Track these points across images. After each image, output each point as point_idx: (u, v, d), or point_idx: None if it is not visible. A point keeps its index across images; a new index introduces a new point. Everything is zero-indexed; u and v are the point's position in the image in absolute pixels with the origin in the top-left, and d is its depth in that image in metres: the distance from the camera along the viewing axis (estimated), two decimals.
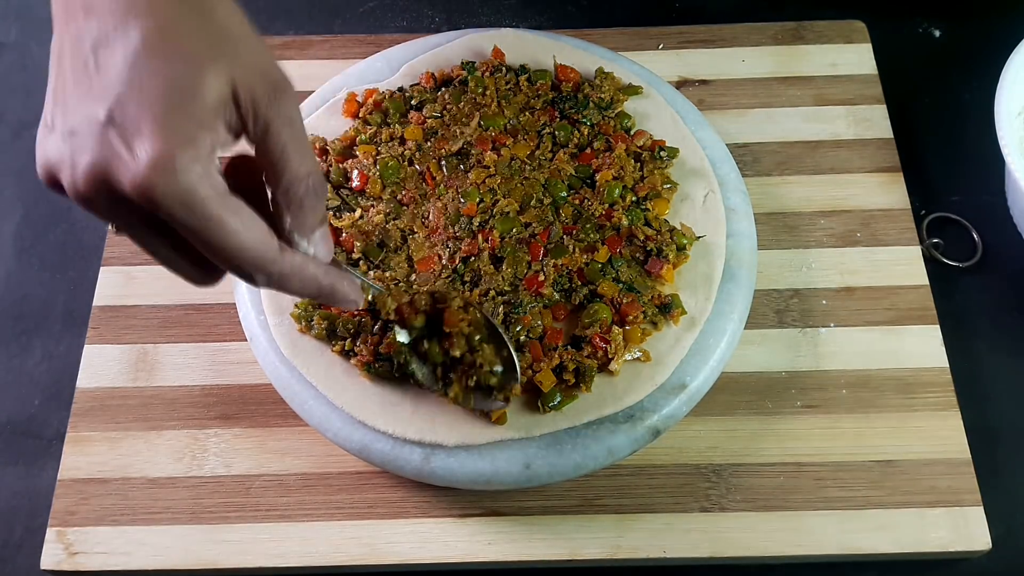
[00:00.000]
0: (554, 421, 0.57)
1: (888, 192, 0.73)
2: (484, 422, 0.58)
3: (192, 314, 0.69)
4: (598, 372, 0.59)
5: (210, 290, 0.68)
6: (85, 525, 0.61)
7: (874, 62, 0.79)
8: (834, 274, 0.70)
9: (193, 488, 0.63)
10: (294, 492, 0.62)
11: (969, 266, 0.71)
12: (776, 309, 0.68)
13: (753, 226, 0.66)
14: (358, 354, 0.59)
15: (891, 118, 0.76)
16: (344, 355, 0.60)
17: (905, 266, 0.70)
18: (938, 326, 0.67)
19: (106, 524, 0.61)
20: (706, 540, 0.60)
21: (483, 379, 0.56)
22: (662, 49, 0.80)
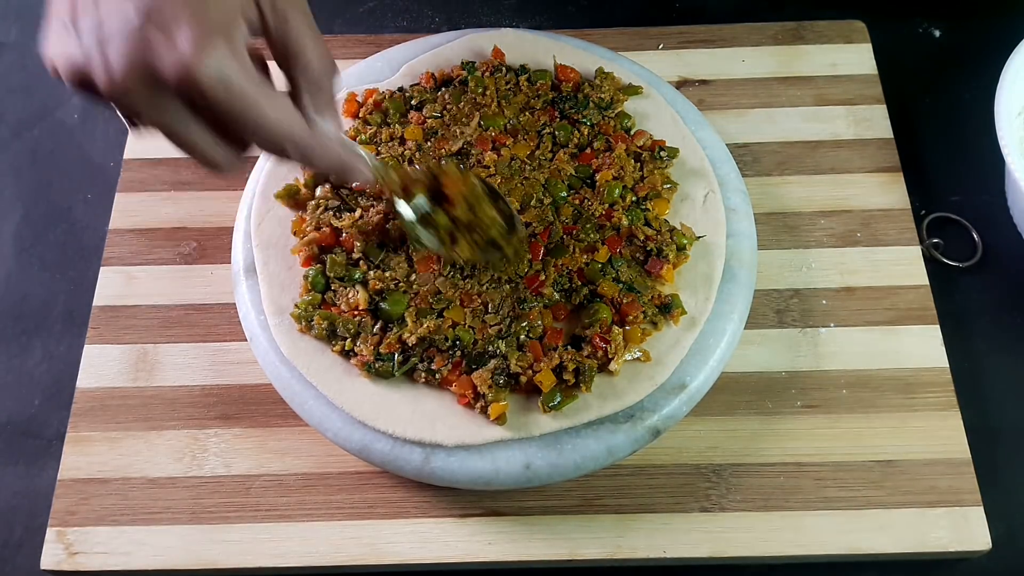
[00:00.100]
0: (554, 421, 0.57)
1: (888, 192, 0.73)
2: (484, 422, 0.58)
3: (192, 314, 0.69)
4: (598, 372, 0.59)
5: (210, 290, 0.70)
6: (85, 525, 0.61)
7: (874, 62, 0.79)
8: (834, 274, 0.70)
9: (193, 488, 0.63)
10: (294, 492, 0.62)
11: (969, 266, 0.71)
12: (776, 309, 0.68)
13: (753, 226, 0.66)
14: (358, 354, 0.59)
15: (891, 118, 0.76)
16: (344, 355, 0.60)
17: (905, 266, 0.70)
18: (938, 326, 0.67)
19: (106, 524, 0.61)
20: (706, 540, 0.60)
21: (487, 233, 0.60)
22: (662, 49, 0.80)
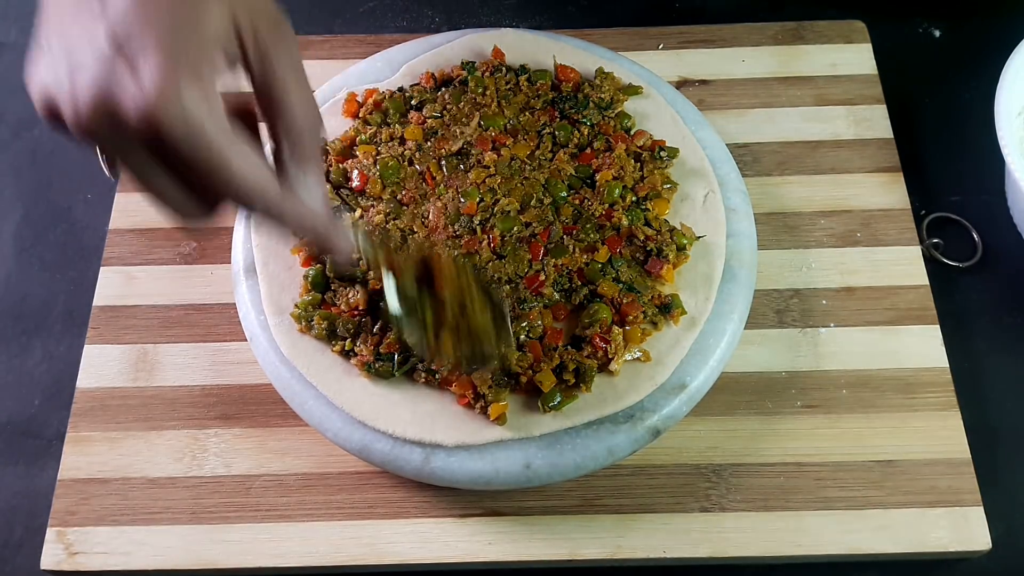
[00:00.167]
0: (554, 421, 0.57)
1: (888, 192, 0.73)
2: (484, 422, 0.58)
3: (192, 314, 0.69)
4: (598, 372, 0.59)
5: (210, 290, 0.70)
6: (85, 525, 0.61)
7: (874, 62, 0.79)
8: (834, 274, 0.70)
9: (193, 488, 0.63)
10: (294, 492, 0.62)
11: (969, 266, 0.71)
12: (776, 309, 0.68)
13: (753, 226, 0.66)
14: (358, 354, 0.59)
15: (891, 118, 0.76)
16: (344, 355, 0.60)
17: (905, 266, 0.70)
18: (938, 326, 0.67)
19: (106, 524, 0.61)
20: (706, 540, 0.60)
21: (476, 343, 0.56)
22: (662, 49, 0.80)
